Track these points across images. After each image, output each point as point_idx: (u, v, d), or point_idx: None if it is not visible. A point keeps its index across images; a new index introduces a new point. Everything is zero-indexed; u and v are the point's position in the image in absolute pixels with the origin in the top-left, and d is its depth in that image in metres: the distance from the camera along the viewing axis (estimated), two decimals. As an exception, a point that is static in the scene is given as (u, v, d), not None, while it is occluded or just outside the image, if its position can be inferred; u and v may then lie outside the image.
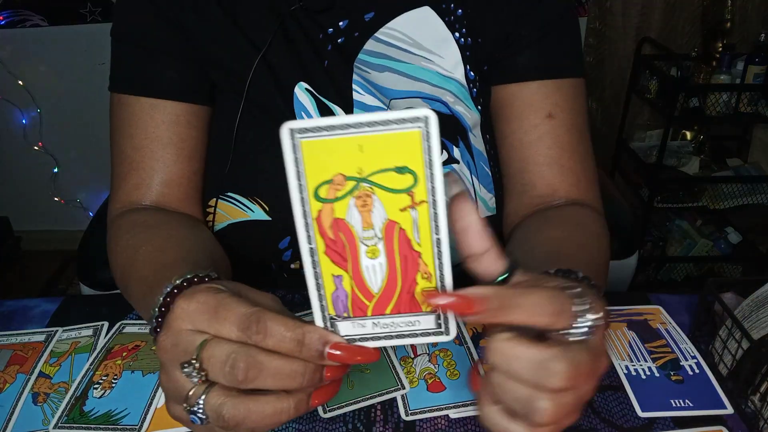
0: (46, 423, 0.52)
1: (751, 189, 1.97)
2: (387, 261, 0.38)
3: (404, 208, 0.36)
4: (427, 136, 0.34)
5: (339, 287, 0.39)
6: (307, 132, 0.35)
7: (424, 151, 0.35)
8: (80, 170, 2.28)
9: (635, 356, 0.58)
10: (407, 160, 0.35)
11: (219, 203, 0.66)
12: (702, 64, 1.86)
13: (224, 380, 0.36)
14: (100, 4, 1.99)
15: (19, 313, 0.66)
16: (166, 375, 0.38)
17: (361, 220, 0.37)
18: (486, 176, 0.68)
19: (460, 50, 0.66)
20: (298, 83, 0.64)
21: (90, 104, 2.10)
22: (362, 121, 0.34)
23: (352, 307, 0.39)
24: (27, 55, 2.06)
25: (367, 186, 0.36)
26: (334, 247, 0.37)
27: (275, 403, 0.37)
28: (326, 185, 0.36)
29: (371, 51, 0.65)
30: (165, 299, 0.41)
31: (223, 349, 0.36)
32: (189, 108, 0.65)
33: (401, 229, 0.37)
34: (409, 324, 0.39)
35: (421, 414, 0.52)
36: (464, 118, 0.67)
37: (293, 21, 0.64)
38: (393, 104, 0.65)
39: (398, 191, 0.36)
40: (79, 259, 0.86)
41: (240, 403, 0.36)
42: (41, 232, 2.38)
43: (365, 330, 0.39)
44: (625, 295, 0.69)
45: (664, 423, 0.52)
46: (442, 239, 0.36)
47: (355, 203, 0.36)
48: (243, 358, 0.36)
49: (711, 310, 0.61)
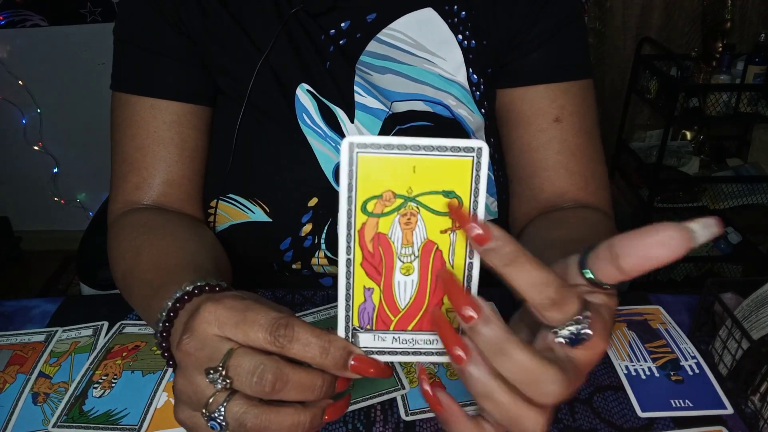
0: (45, 423, 0.52)
1: (751, 189, 1.97)
2: (419, 279, 0.39)
3: (445, 231, 0.38)
4: (477, 165, 0.36)
5: (368, 299, 0.39)
6: (367, 148, 0.37)
7: (473, 180, 0.36)
8: (80, 170, 2.28)
9: (635, 356, 0.58)
10: (455, 186, 0.37)
11: (220, 204, 0.66)
12: (702, 64, 1.86)
13: (250, 390, 0.36)
14: (100, 4, 1.99)
15: (19, 313, 0.66)
16: (186, 379, 0.38)
17: (402, 237, 0.38)
18: (489, 180, 0.68)
19: (463, 53, 0.65)
20: (300, 84, 0.64)
21: (90, 104, 2.10)
22: (420, 144, 0.36)
23: (377, 320, 0.40)
24: (27, 55, 2.06)
25: (414, 205, 0.37)
26: (371, 260, 0.39)
27: (294, 415, 0.37)
28: (375, 200, 0.37)
29: (373, 52, 0.65)
30: (174, 305, 0.41)
31: (251, 360, 0.36)
32: (191, 108, 0.65)
33: (438, 250, 0.38)
34: (428, 342, 0.40)
35: (421, 414, 0.52)
36: (467, 121, 0.66)
37: (296, 23, 0.64)
38: (394, 107, 0.65)
39: (442, 214, 0.37)
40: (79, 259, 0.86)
41: (262, 413, 0.37)
42: (41, 232, 2.38)
43: (384, 344, 0.40)
44: (625, 295, 0.69)
45: (664, 423, 0.52)
46: (474, 263, 0.38)
47: (400, 220, 0.38)
48: (271, 370, 0.36)
49: (711, 310, 0.61)
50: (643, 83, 1.94)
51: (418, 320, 0.40)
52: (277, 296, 0.67)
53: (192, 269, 0.51)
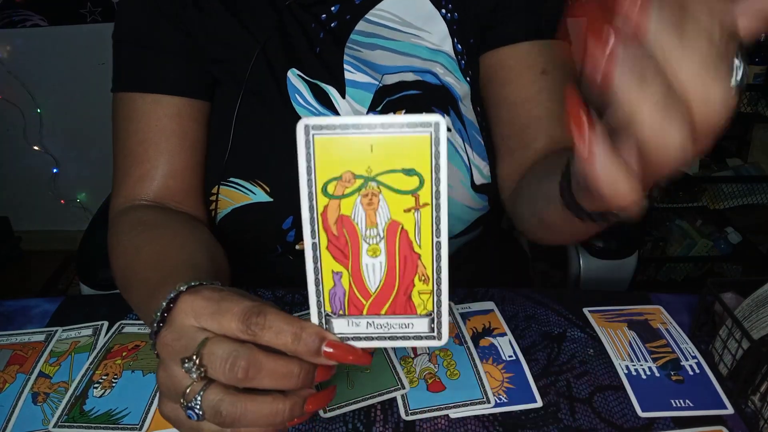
0: (45, 423, 0.51)
1: (751, 189, 1.97)
2: (387, 260, 0.38)
3: (408, 209, 0.37)
4: (436, 141, 0.35)
5: (337, 284, 0.39)
6: (322, 129, 0.36)
7: (432, 155, 0.35)
8: (80, 170, 2.28)
9: (635, 356, 0.58)
10: (415, 163, 0.36)
11: (221, 189, 0.68)
12: (702, 64, 1.86)
13: (223, 378, 0.37)
14: (100, 4, 1.99)
15: (19, 313, 0.66)
16: (165, 371, 0.39)
17: (366, 218, 0.37)
18: (479, 145, 0.70)
19: (447, 25, 0.69)
20: (290, 69, 0.67)
21: (90, 104, 2.10)
22: (375, 122, 0.35)
23: (349, 305, 0.39)
24: (27, 55, 2.06)
25: (374, 185, 0.37)
26: (337, 243, 0.38)
27: (272, 403, 0.37)
28: (335, 182, 0.37)
29: (362, 32, 0.68)
30: (168, 305, 0.42)
31: (224, 347, 0.37)
32: (190, 102, 0.67)
33: (403, 230, 0.37)
34: (402, 326, 0.39)
35: (421, 414, 0.52)
36: (454, 88, 0.69)
37: (288, 13, 0.67)
38: (385, 79, 0.68)
39: (404, 192, 0.36)
40: (79, 259, 0.86)
41: (238, 401, 0.37)
42: (41, 232, 2.38)
43: (359, 329, 0.40)
44: (625, 295, 0.69)
45: (664, 423, 0.51)
46: (442, 242, 0.37)
47: (362, 201, 0.37)
48: (244, 357, 0.36)
49: (711, 310, 0.61)
50: (643, 83, 1.94)
51: (390, 303, 0.39)
52: (277, 296, 0.67)
53: (190, 268, 0.52)
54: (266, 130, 0.67)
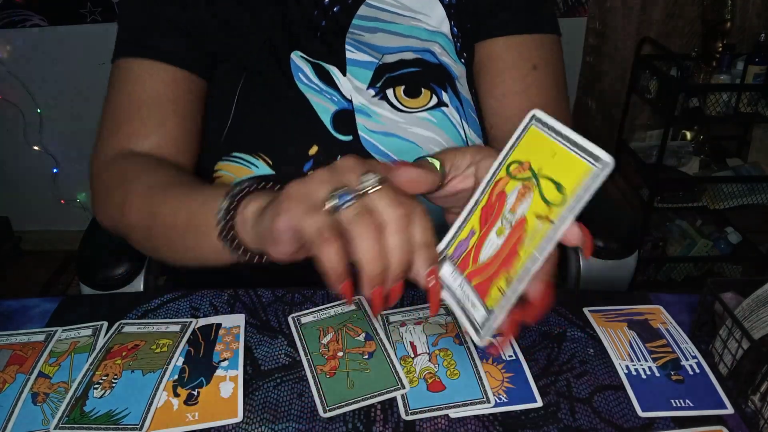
0: (45, 423, 0.51)
1: (751, 189, 1.97)
2: (502, 245, 0.42)
3: (539, 216, 0.40)
4: (594, 176, 0.37)
5: (468, 239, 0.44)
6: (540, 125, 0.42)
7: (583, 186, 0.37)
8: (80, 170, 2.27)
9: (635, 356, 0.58)
10: (568, 183, 0.38)
11: (224, 165, 0.69)
12: (702, 64, 1.86)
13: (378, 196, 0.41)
14: (100, 4, 1.99)
15: (18, 313, 0.66)
16: (306, 184, 0.43)
17: (513, 204, 0.42)
18: (474, 122, 0.73)
19: (445, 9, 0.72)
20: (294, 51, 0.70)
21: (90, 104, 2.09)
22: (570, 137, 0.39)
23: (462, 260, 0.44)
24: (27, 55, 2.06)
25: (534, 182, 0.40)
26: (488, 209, 0.43)
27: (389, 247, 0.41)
28: (517, 164, 0.42)
29: (364, 16, 0.71)
30: (242, 188, 0.49)
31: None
32: (188, 75, 0.68)
33: (524, 230, 0.40)
34: (473, 305, 0.43)
35: (421, 414, 0.52)
36: (451, 67, 0.72)
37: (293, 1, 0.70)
38: (385, 58, 0.71)
39: (546, 201, 0.39)
40: (79, 259, 0.86)
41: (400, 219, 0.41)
42: (41, 232, 2.38)
43: (454, 283, 0.44)
44: (625, 295, 0.69)
45: (664, 423, 0.51)
46: (538, 259, 0.39)
47: (519, 189, 0.41)
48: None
49: (711, 309, 0.61)
50: (643, 83, 1.94)
51: (481, 281, 0.42)
52: (276, 295, 0.67)
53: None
54: (269, 106, 0.69)
